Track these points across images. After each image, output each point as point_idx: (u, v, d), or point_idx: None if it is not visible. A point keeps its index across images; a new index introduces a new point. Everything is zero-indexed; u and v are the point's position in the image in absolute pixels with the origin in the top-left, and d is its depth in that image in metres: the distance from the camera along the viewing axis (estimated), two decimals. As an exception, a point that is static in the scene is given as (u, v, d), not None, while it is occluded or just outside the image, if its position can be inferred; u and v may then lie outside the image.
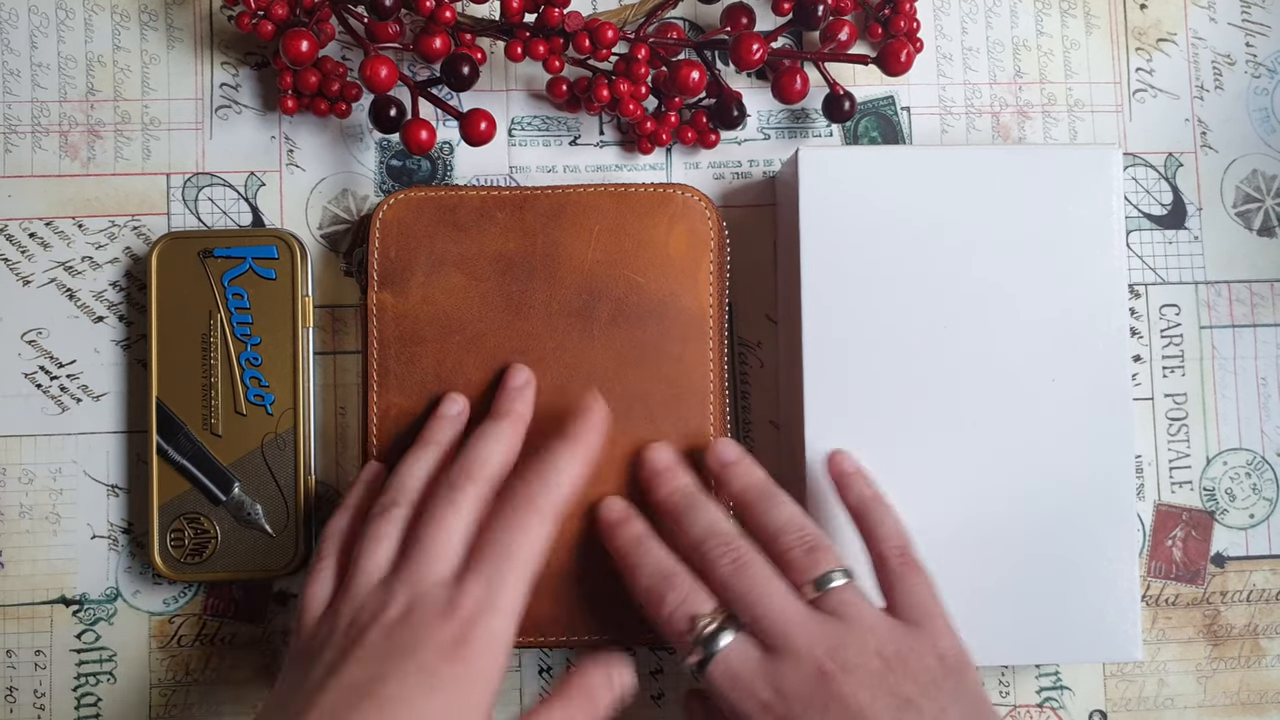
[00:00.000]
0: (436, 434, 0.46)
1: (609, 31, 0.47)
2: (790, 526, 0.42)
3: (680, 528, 0.43)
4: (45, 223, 0.51)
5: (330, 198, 0.51)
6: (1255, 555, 0.52)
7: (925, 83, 0.53)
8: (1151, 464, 0.52)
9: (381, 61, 0.46)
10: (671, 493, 0.45)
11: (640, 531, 0.44)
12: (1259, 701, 0.52)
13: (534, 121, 0.52)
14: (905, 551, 0.43)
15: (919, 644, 0.40)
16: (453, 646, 0.38)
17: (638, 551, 0.43)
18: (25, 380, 0.50)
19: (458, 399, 0.47)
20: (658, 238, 0.47)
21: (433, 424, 0.46)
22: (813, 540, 0.42)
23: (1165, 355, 0.53)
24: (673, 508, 0.44)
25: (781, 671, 0.39)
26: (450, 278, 0.47)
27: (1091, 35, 0.54)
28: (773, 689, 0.39)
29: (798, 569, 0.41)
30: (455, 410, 0.46)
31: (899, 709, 0.38)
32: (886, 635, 0.40)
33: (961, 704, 0.39)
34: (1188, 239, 0.53)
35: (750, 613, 0.40)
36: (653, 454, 0.46)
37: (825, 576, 0.41)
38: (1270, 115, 0.54)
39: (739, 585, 0.41)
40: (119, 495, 0.50)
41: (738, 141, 0.52)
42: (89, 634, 0.50)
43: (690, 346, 0.47)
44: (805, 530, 0.42)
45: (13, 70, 0.51)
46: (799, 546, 0.42)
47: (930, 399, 0.46)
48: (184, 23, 0.52)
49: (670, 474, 0.45)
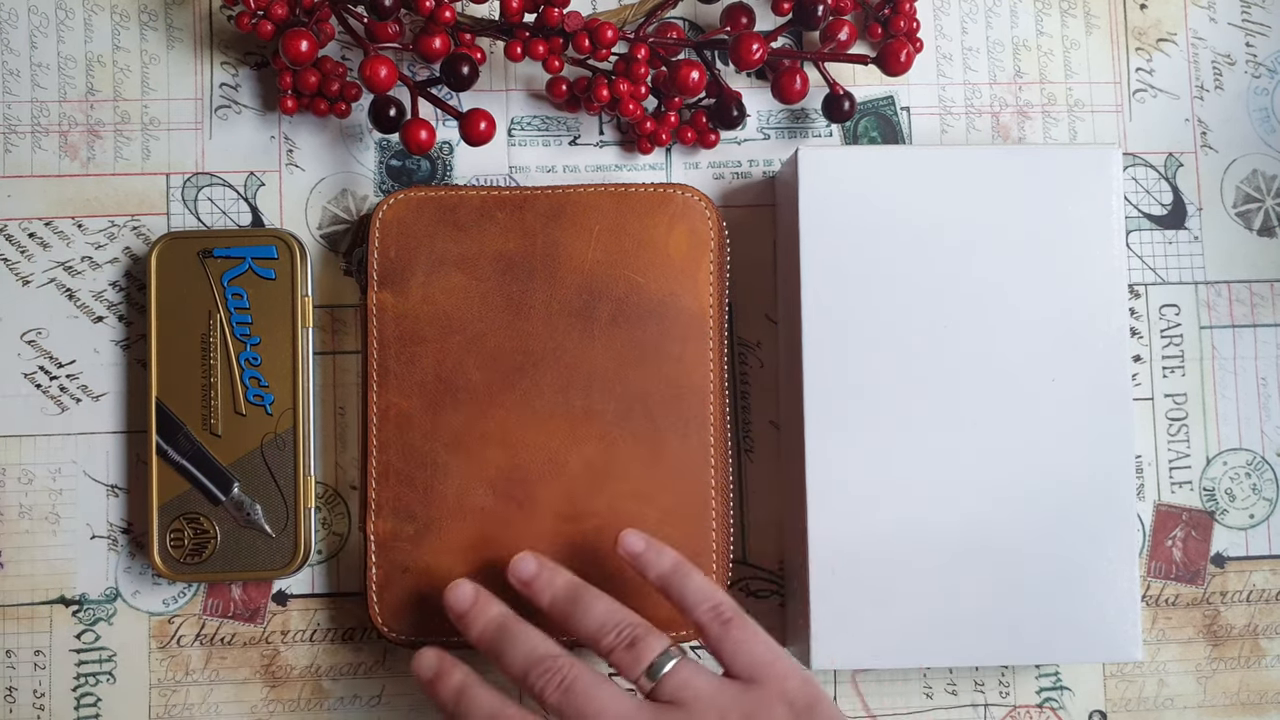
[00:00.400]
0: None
1: (609, 31, 0.47)
2: (607, 625, 0.42)
3: (499, 663, 0.42)
4: (45, 223, 0.51)
5: (330, 198, 0.51)
6: (1255, 555, 0.52)
7: (925, 83, 0.53)
8: (1151, 464, 0.52)
9: (381, 61, 0.46)
10: (483, 629, 0.43)
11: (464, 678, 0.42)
12: (1259, 702, 0.52)
13: (534, 121, 0.52)
14: (719, 609, 0.42)
15: (763, 699, 0.40)
16: None
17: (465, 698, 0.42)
18: (25, 380, 0.50)
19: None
20: (658, 238, 0.47)
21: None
22: (631, 632, 0.41)
23: (1165, 355, 0.53)
24: (487, 644, 0.43)
25: None
26: (450, 278, 0.47)
27: (1091, 35, 0.54)
28: None
29: (626, 666, 0.41)
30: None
31: None
32: (729, 704, 0.40)
33: None
34: (1188, 239, 0.53)
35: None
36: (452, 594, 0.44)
37: (655, 665, 0.40)
38: (1270, 115, 0.54)
39: (571, 708, 0.40)
40: (119, 495, 0.50)
41: (737, 141, 0.52)
42: (89, 634, 0.50)
43: (690, 346, 0.47)
44: (622, 624, 0.42)
45: (12, 70, 0.51)
46: (620, 644, 0.41)
47: (930, 399, 0.46)
48: (184, 23, 0.52)
49: (478, 609, 0.44)
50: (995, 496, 0.46)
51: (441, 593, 0.45)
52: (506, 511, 0.47)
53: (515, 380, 0.47)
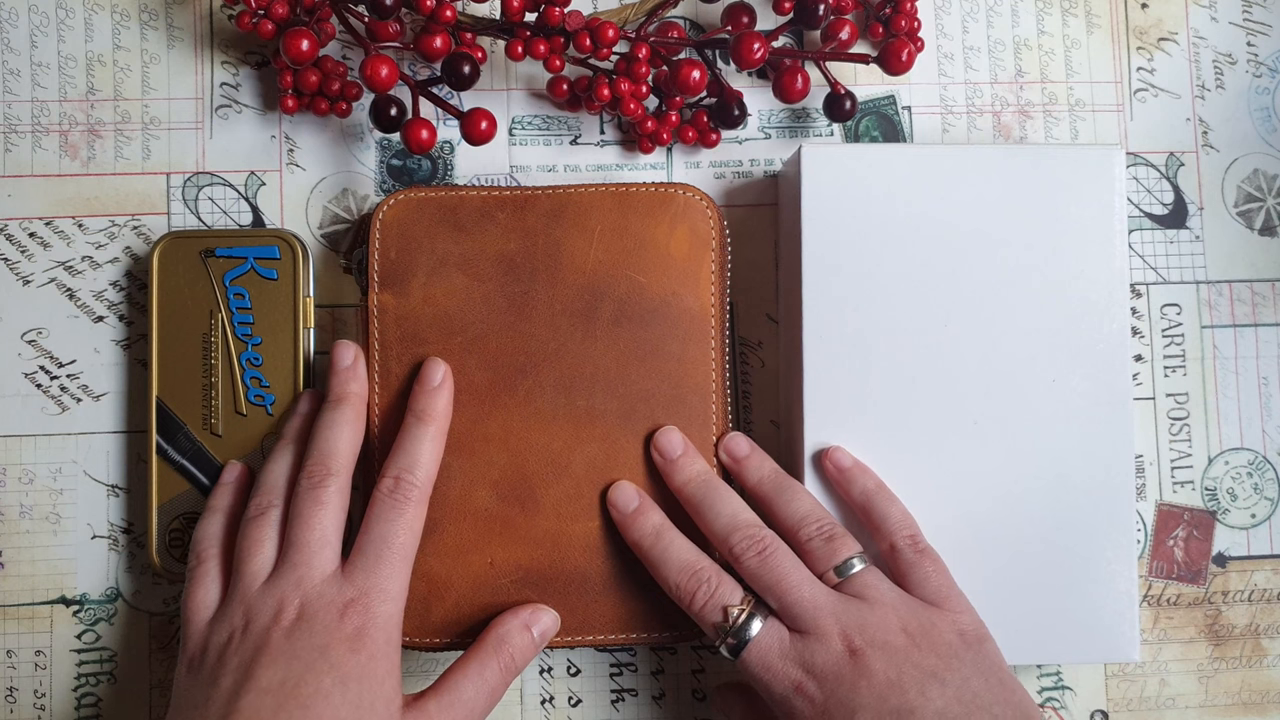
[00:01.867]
0: (292, 430, 0.47)
1: (610, 31, 0.47)
2: (809, 518, 0.44)
3: (701, 518, 0.45)
4: (45, 222, 0.51)
5: (330, 197, 0.51)
6: (1257, 555, 0.52)
7: (926, 82, 0.53)
8: (1153, 464, 0.52)
9: (382, 61, 0.46)
10: (688, 480, 0.46)
11: (658, 523, 0.45)
12: (1260, 701, 0.52)
13: (535, 121, 0.52)
14: (916, 538, 0.45)
15: (940, 620, 0.42)
16: (354, 638, 0.40)
17: (659, 545, 0.45)
18: (25, 380, 0.50)
19: (310, 396, 0.48)
20: (659, 237, 0.47)
21: (290, 421, 0.47)
22: (830, 530, 0.44)
23: (1166, 355, 0.53)
24: (690, 496, 0.45)
25: (811, 652, 0.41)
26: (451, 278, 0.47)
27: (1093, 34, 0.54)
28: (804, 669, 0.41)
29: (819, 558, 0.43)
30: (307, 407, 0.47)
31: (924, 681, 0.40)
32: (909, 613, 0.42)
33: (983, 674, 0.41)
34: (1189, 238, 0.53)
35: (779, 600, 0.42)
36: (664, 440, 0.46)
37: (846, 563, 0.43)
38: (1271, 114, 0.54)
39: (767, 575, 0.43)
40: (119, 495, 0.50)
41: (739, 141, 0.52)
42: (89, 634, 0.50)
43: (692, 346, 0.47)
44: (823, 521, 0.44)
45: (13, 70, 0.51)
46: (819, 536, 0.44)
47: (931, 398, 0.46)
48: (184, 22, 0.52)
49: (685, 460, 0.46)
50: (995, 496, 0.46)
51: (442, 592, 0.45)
52: (509, 512, 0.46)
53: (517, 381, 0.47)
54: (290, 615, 0.41)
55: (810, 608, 0.42)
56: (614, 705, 0.50)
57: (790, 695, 0.41)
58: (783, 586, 0.42)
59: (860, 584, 0.43)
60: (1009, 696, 0.41)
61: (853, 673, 0.40)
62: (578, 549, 0.46)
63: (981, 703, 0.40)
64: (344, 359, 0.47)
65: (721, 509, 0.45)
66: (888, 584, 0.43)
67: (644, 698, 0.50)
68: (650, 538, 0.45)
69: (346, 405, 0.46)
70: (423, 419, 0.45)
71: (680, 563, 0.44)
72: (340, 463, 0.44)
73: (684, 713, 0.51)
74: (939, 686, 0.40)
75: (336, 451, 0.44)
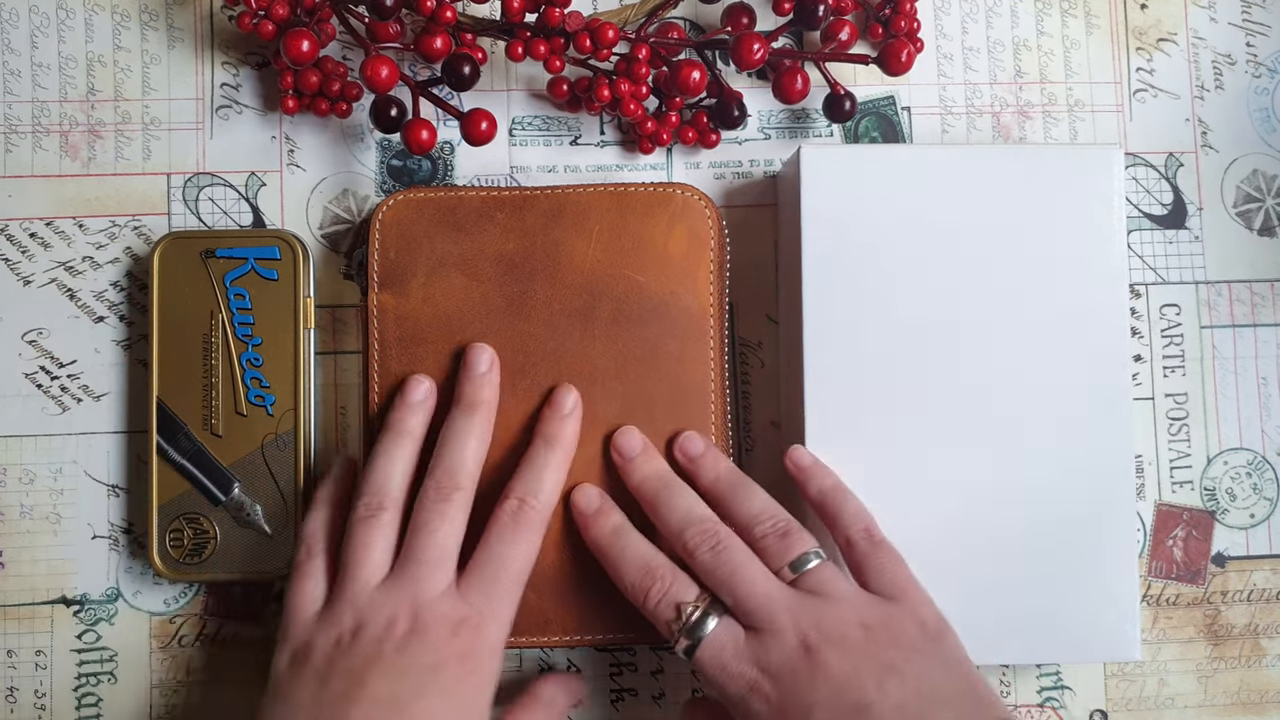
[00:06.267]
0: (408, 422, 0.46)
1: (610, 31, 0.47)
2: (763, 514, 0.44)
3: (657, 515, 0.44)
4: (46, 223, 0.51)
5: (331, 198, 0.51)
6: (1256, 555, 0.52)
7: (926, 83, 0.53)
8: (1152, 464, 0.52)
9: (382, 61, 0.46)
10: (645, 479, 0.45)
11: (617, 523, 0.45)
12: (1259, 701, 0.52)
13: (534, 121, 0.52)
14: (871, 530, 0.44)
15: (899, 613, 0.41)
16: (462, 659, 0.40)
17: (616, 545, 0.44)
18: (26, 380, 0.50)
19: (423, 381, 0.46)
20: (658, 237, 0.47)
21: (401, 411, 0.46)
22: (785, 526, 0.43)
23: (1166, 355, 0.53)
24: (648, 494, 0.45)
25: (767, 650, 0.40)
26: (451, 278, 0.47)
27: (1092, 35, 0.54)
28: (759, 668, 0.40)
29: (773, 554, 0.43)
30: (422, 395, 0.46)
31: (881, 675, 0.39)
32: (866, 607, 0.41)
33: (944, 667, 0.40)
34: (1188, 239, 0.53)
35: (733, 595, 0.41)
36: (622, 440, 0.46)
37: (801, 558, 0.42)
38: (1271, 115, 0.54)
39: (720, 570, 0.42)
40: (119, 495, 0.50)
41: (738, 141, 0.52)
42: (89, 634, 0.50)
43: (691, 346, 0.47)
44: (778, 517, 0.44)
45: (13, 70, 0.51)
46: (773, 533, 0.43)
47: (931, 398, 0.46)
48: (184, 23, 0.52)
49: (642, 459, 0.46)
50: (995, 496, 0.46)
51: None
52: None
53: (516, 381, 0.47)
54: (403, 628, 0.40)
55: (765, 603, 0.41)
56: (614, 705, 0.50)
57: (746, 696, 0.40)
58: (735, 581, 0.41)
59: (816, 579, 0.42)
60: (971, 689, 0.40)
61: (809, 669, 0.39)
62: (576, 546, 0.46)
63: (942, 696, 0.39)
64: (480, 364, 0.46)
65: (676, 504, 0.44)
66: (844, 579, 0.42)
67: (644, 697, 0.50)
68: (609, 537, 0.44)
69: (477, 415, 0.45)
70: (551, 444, 0.45)
71: (636, 561, 0.43)
72: (467, 477, 0.44)
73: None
74: (898, 680, 0.39)
75: (464, 464, 0.44)
